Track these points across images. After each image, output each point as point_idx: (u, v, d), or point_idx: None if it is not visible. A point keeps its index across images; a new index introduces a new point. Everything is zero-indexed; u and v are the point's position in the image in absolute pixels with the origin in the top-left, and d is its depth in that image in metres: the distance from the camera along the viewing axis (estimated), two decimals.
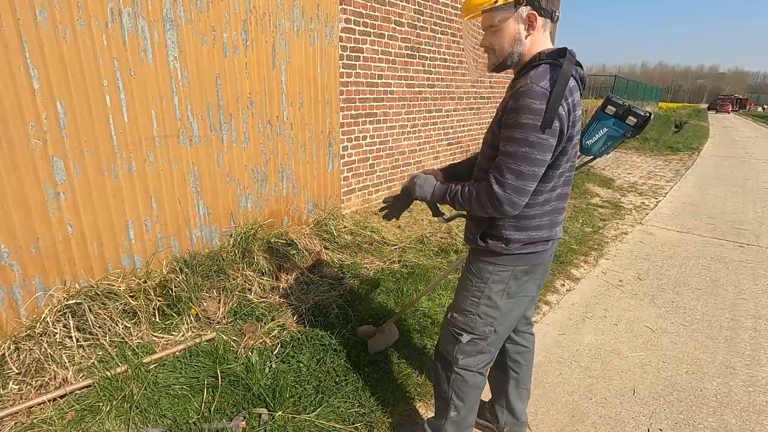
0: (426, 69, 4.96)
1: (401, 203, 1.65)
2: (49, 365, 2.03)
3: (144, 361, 2.14)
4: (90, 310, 2.26)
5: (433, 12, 4.87)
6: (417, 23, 4.66)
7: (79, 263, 2.39)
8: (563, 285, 3.41)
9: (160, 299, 2.50)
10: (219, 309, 2.58)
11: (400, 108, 4.71)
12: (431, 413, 1.91)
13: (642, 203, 6.04)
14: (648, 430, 1.99)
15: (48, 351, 2.07)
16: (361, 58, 4.05)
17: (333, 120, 3.85)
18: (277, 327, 2.49)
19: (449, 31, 5.19)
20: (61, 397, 1.93)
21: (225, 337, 2.35)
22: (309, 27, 3.39)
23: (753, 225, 5.09)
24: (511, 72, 1.35)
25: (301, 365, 2.20)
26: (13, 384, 1.96)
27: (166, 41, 2.51)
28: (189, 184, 2.82)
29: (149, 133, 2.55)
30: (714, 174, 8.43)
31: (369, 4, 3.98)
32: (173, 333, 2.39)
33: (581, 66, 1.29)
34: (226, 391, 2.00)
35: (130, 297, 2.42)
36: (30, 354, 2.05)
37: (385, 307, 2.81)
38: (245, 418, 1.85)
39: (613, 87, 16.49)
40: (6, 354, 2.04)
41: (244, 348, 2.31)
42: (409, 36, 4.59)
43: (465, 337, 1.49)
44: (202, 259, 2.83)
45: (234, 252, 2.98)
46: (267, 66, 3.14)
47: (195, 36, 2.65)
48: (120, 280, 2.51)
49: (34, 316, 2.24)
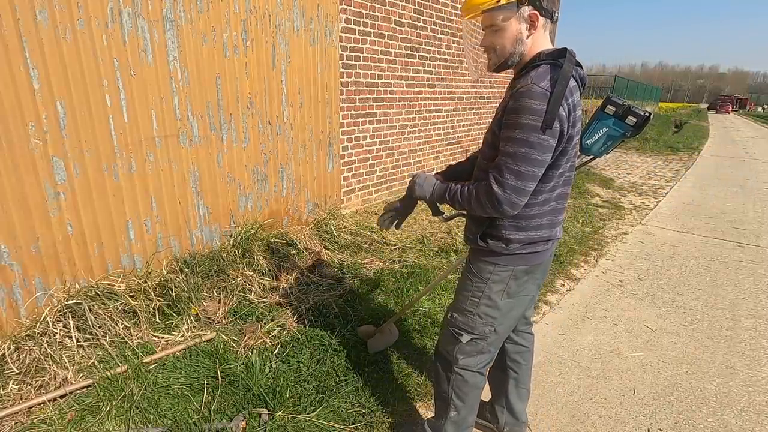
0: (426, 69, 4.96)
1: (405, 207, 1.63)
2: (49, 365, 2.03)
3: (144, 361, 2.14)
4: (90, 310, 2.26)
5: (433, 12, 4.87)
6: (417, 23, 4.66)
7: (79, 263, 2.39)
8: (563, 285, 3.41)
9: (160, 299, 2.50)
10: (219, 309, 2.58)
11: (400, 108, 4.71)
12: (431, 413, 1.91)
13: (642, 203, 6.04)
14: (648, 430, 1.99)
15: (48, 351, 2.07)
16: (361, 58, 4.05)
17: (333, 120, 3.85)
18: (277, 327, 2.49)
19: (449, 31, 5.19)
20: (61, 397, 1.93)
21: (225, 337, 2.35)
22: (309, 27, 3.39)
23: (753, 225, 5.09)
24: (511, 72, 1.36)
25: (301, 365, 2.20)
26: (13, 384, 1.96)
27: (166, 41, 2.51)
28: (189, 184, 2.82)
29: (149, 133, 2.55)
30: (714, 174, 8.43)
31: (369, 4, 3.99)
32: (173, 333, 2.39)
33: (581, 66, 1.29)
34: (226, 391, 2.00)
35: (130, 297, 2.42)
36: (30, 354, 2.05)
37: (385, 307, 2.81)
38: (245, 418, 1.85)
39: (613, 87, 16.49)
40: (6, 354, 2.04)
41: (244, 348, 2.31)
42: (409, 36, 4.59)
43: (465, 337, 1.49)
44: (202, 259, 2.83)
45: (234, 252, 2.98)
46: (267, 66, 3.14)
47: (195, 36, 2.65)
48: (120, 280, 2.52)
49: (34, 316, 2.24)
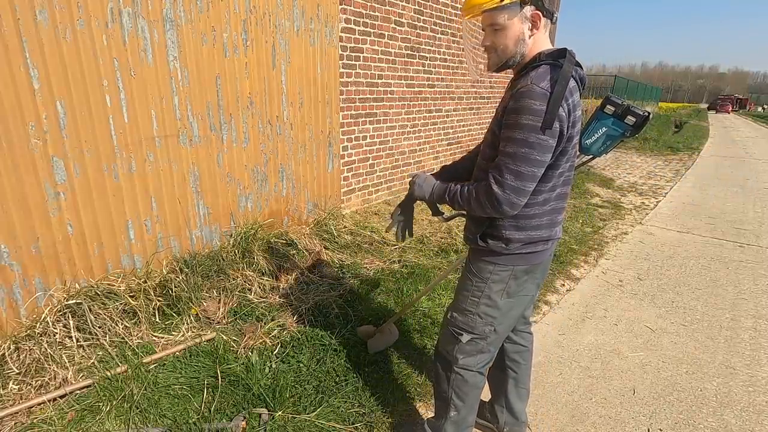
0: (426, 69, 4.96)
1: (407, 210, 1.62)
2: (49, 365, 2.03)
3: (144, 361, 2.14)
4: (90, 310, 2.26)
5: (433, 12, 4.87)
6: (417, 23, 4.66)
7: (79, 263, 2.39)
8: (563, 285, 3.41)
9: (160, 299, 2.50)
10: (219, 309, 2.58)
11: (400, 108, 4.71)
12: (431, 413, 1.91)
13: (642, 203, 6.04)
14: (648, 430, 1.99)
15: (48, 351, 2.07)
16: (361, 58, 4.05)
17: (333, 120, 3.85)
18: (277, 327, 2.49)
19: (449, 31, 5.19)
20: (61, 397, 1.93)
21: (225, 337, 2.35)
22: (309, 27, 3.39)
23: (753, 225, 5.09)
24: (510, 72, 1.35)
25: (301, 365, 2.20)
26: (13, 384, 1.96)
27: (166, 41, 2.51)
28: (189, 184, 2.82)
29: (149, 133, 2.55)
30: (714, 174, 8.43)
31: (369, 4, 3.99)
32: (173, 333, 2.39)
33: (581, 66, 1.29)
34: (226, 391, 2.00)
35: (130, 297, 2.42)
36: (30, 354, 2.05)
37: (385, 307, 2.81)
38: (245, 418, 1.85)
39: (613, 87, 16.49)
40: (6, 354, 2.04)
41: (244, 348, 2.31)
42: (409, 36, 4.59)
43: (465, 337, 1.49)
44: (202, 259, 2.83)
45: (234, 252, 2.98)
46: (267, 66, 3.14)
47: (195, 36, 2.65)
48: (120, 280, 2.52)
49: (34, 316, 2.24)
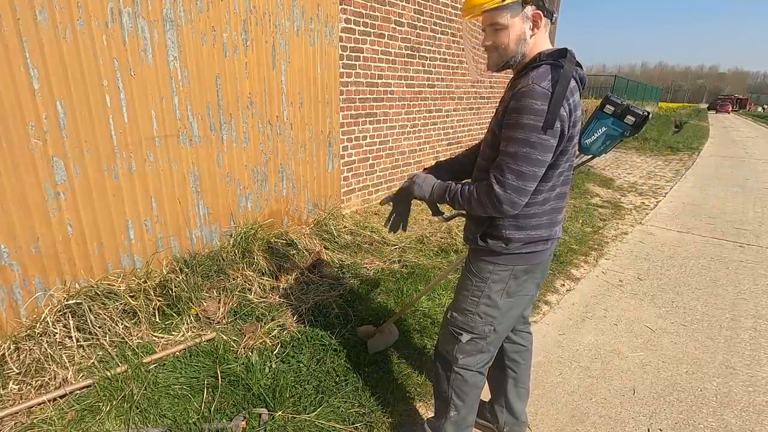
0: (426, 69, 4.96)
1: (403, 205, 1.61)
2: (49, 365, 2.03)
3: (144, 361, 2.14)
4: (90, 310, 2.26)
5: (433, 12, 4.87)
6: (417, 23, 4.66)
7: (79, 263, 2.39)
8: (563, 285, 3.40)
9: (160, 299, 2.50)
10: (219, 309, 2.58)
11: (400, 108, 4.71)
12: (431, 413, 1.91)
13: (642, 203, 6.04)
14: (648, 430, 1.99)
15: (48, 351, 2.07)
16: (361, 58, 4.05)
17: (333, 120, 3.85)
18: (277, 327, 2.49)
19: (449, 31, 5.19)
20: (61, 397, 1.93)
21: (225, 337, 2.35)
22: (309, 27, 3.39)
23: (753, 225, 5.09)
24: (510, 71, 1.35)
25: (301, 365, 2.20)
26: (13, 384, 1.96)
27: (166, 41, 2.51)
28: (189, 184, 2.82)
29: (149, 133, 2.55)
30: (714, 174, 8.43)
31: (369, 4, 3.99)
32: (173, 333, 2.39)
33: (581, 66, 1.29)
34: (226, 391, 2.00)
35: (130, 297, 2.42)
36: (30, 354, 2.05)
37: (385, 307, 2.81)
38: (245, 418, 1.85)
39: (613, 87, 16.50)
40: (6, 354, 2.04)
41: (244, 348, 2.31)
42: (409, 36, 4.59)
43: (465, 337, 1.49)
44: (202, 259, 2.83)
45: (234, 252, 2.98)
46: (267, 66, 3.14)
47: (195, 36, 2.65)
48: (120, 280, 2.52)
49: (34, 316, 2.24)
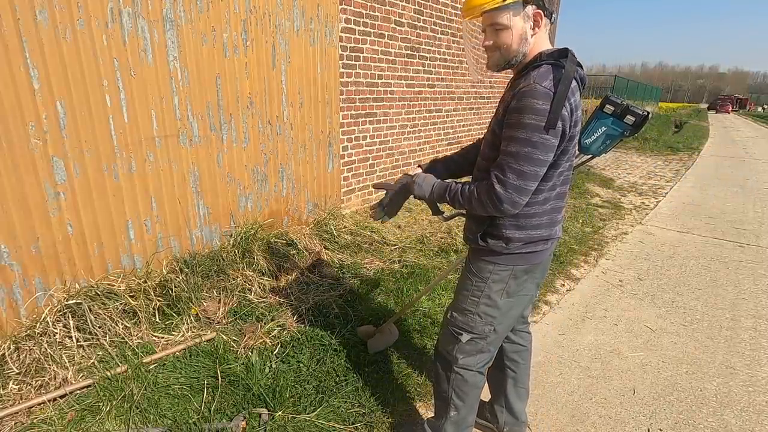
0: (426, 69, 4.96)
1: (397, 199, 1.60)
2: (49, 365, 2.03)
3: (144, 361, 2.14)
4: (90, 310, 2.26)
5: (433, 12, 4.87)
6: (417, 23, 4.66)
7: (79, 263, 2.39)
8: (563, 285, 3.40)
9: (160, 299, 2.50)
10: (219, 309, 2.58)
11: (400, 108, 4.71)
12: (431, 413, 1.91)
13: (642, 203, 6.04)
14: (648, 430, 1.99)
15: (48, 351, 2.07)
16: (361, 58, 4.05)
17: (333, 120, 3.85)
18: (277, 327, 2.49)
19: (449, 31, 5.19)
20: (61, 397, 1.93)
21: (225, 337, 2.35)
22: (309, 27, 3.39)
23: (753, 225, 5.09)
24: (510, 71, 1.35)
25: (301, 365, 2.20)
26: (13, 384, 1.96)
27: (166, 41, 2.51)
28: (189, 184, 2.82)
29: (149, 133, 2.55)
30: (714, 174, 8.43)
31: (369, 4, 3.99)
32: (173, 333, 2.39)
33: (581, 66, 1.29)
34: (226, 391, 2.00)
35: (130, 297, 2.42)
36: (30, 354, 2.05)
37: (385, 307, 2.81)
38: (245, 418, 1.85)
39: (613, 87, 16.51)
40: (6, 354, 2.04)
41: (244, 348, 2.31)
42: (409, 36, 4.59)
43: (465, 337, 1.49)
44: (202, 259, 2.83)
45: (234, 252, 2.98)
46: (267, 66, 3.14)
47: (195, 36, 2.65)
48: (120, 280, 2.52)
49: (34, 316, 2.24)
